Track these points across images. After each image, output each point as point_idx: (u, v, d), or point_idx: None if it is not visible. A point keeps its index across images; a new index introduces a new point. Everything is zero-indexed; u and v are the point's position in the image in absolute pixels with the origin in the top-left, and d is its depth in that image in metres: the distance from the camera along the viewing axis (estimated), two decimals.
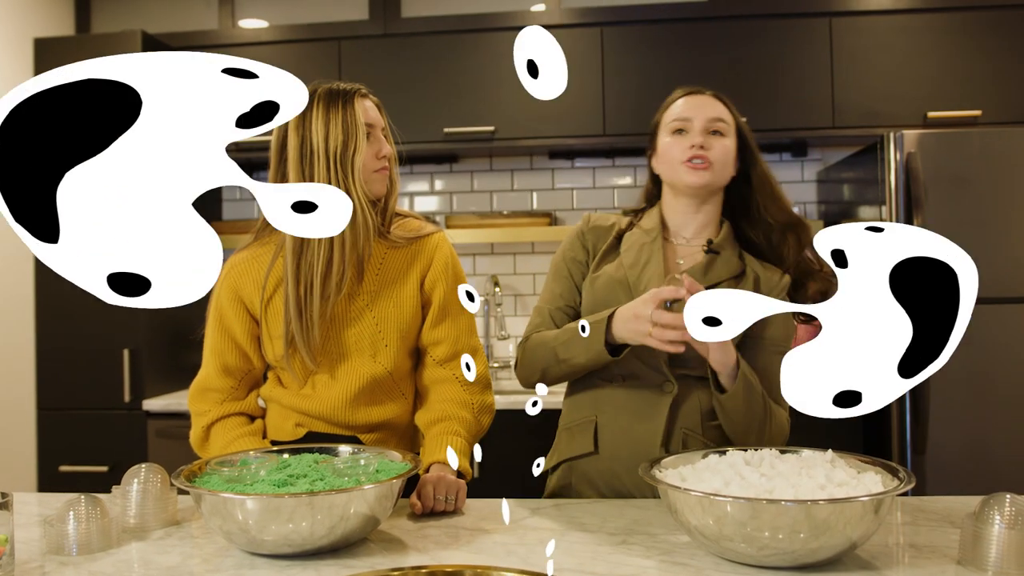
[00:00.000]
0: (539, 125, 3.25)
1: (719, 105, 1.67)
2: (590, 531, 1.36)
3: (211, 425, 1.64)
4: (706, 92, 1.69)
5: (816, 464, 1.26)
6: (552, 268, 1.75)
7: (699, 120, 1.64)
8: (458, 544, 1.31)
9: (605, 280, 1.65)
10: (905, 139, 2.72)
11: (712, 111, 1.65)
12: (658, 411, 1.58)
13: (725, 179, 1.66)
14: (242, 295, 1.63)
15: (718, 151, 1.63)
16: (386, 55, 3.30)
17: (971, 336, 2.83)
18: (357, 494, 1.21)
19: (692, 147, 1.62)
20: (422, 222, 1.73)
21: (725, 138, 1.64)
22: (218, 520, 1.22)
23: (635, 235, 1.69)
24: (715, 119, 1.64)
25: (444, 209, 3.71)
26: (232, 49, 3.38)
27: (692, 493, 1.14)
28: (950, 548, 1.23)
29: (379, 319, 1.63)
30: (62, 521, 1.28)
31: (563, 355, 1.59)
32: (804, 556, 1.12)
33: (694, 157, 1.61)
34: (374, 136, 1.61)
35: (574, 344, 1.58)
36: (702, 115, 1.64)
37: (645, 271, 1.62)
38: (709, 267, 1.63)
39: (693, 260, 1.66)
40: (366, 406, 1.64)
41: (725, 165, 1.64)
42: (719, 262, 1.64)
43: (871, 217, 2.90)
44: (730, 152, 1.65)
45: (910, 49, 3.13)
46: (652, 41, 3.21)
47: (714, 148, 1.62)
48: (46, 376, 3.18)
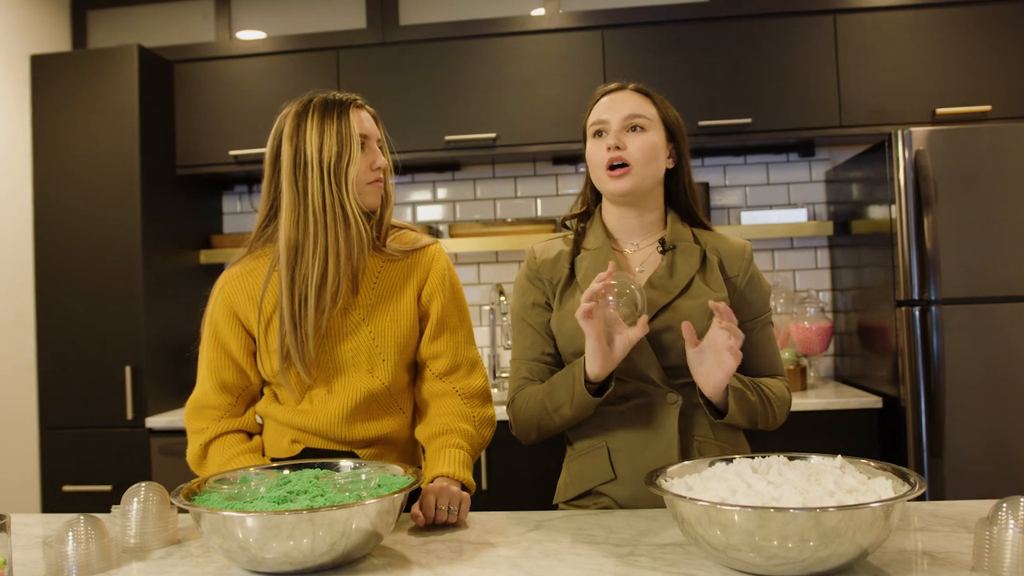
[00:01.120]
0: (542, 131, 3.25)
1: (638, 99, 1.62)
2: (596, 543, 1.36)
3: (209, 443, 1.64)
4: (627, 87, 1.65)
5: (825, 470, 1.25)
6: (512, 319, 1.72)
7: (615, 120, 1.60)
8: (462, 559, 1.31)
9: (571, 319, 1.59)
10: (914, 136, 2.71)
11: (629, 107, 1.60)
12: (667, 424, 1.58)
13: (652, 178, 1.61)
14: (237, 310, 1.64)
15: (636, 148, 1.58)
16: (385, 63, 3.31)
17: (986, 335, 2.84)
18: (358, 509, 1.21)
19: (609, 149, 1.58)
20: (418, 234, 1.73)
21: (647, 132, 1.59)
22: (218, 539, 1.22)
23: (585, 259, 1.65)
24: (632, 116, 1.59)
25: (447, 218, 3.71)
26: (229, 61, 3.40)
27: (698, 502, 1.14)
28: (964, 554, 1.22)
29: (376, 333, 1.63)
30: (61, 543, 1.28)
31: (550, 406, 1.58)
32: (814, 565, 1.11)
33: (612, 161, 1.58)
34: (369, 147, 1.62)
35: (557, 392, 1.56)
36: (618, 114, 1.60)
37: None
38: (672, 267, 1.60)
39: (651, 264, 1.64)
40: (363, 421, 1.64)
41: (647, 162, 1.58)
42: (679, 257, 1.61)
43: (881, 217, 2.89)
44: (654, 147, 1.59)
45: (917, 45, 3.12)
46: (654, 43, 3.21)
47: (631, 146, 1.58)
48: (48, 395, 3.20)
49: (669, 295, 1.58)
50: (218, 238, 3.64)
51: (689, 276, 1.59)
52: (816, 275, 3.55)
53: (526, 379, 1.67)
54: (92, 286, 3.15)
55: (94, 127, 3.18)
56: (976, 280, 2.69)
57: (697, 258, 1.61)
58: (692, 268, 1.60)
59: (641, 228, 1.66)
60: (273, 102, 1.68)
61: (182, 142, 3.42)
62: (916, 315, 2.71)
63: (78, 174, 3.19)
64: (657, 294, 1.58)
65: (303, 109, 1.59)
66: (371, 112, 1.66)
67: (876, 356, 3.01)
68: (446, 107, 3.29)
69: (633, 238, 1.67)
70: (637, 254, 1.66)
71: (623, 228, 1.67)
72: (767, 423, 1.59)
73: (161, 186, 3.31)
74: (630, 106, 1.61)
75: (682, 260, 1.61)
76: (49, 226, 3.20)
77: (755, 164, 3.58)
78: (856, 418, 2.90)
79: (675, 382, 1.58)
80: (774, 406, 1.59)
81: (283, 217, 1.57)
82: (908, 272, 2.72)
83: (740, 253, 1.65)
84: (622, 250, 1.67)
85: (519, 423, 1.66)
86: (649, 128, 1.60)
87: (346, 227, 1.56)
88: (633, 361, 1.55)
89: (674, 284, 1.59)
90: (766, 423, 1.59)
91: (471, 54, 3.29)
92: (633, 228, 1.66)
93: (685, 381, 1.58)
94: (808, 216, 3.47)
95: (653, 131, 1.60)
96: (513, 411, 1.67)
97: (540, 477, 2.91)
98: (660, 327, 1.56)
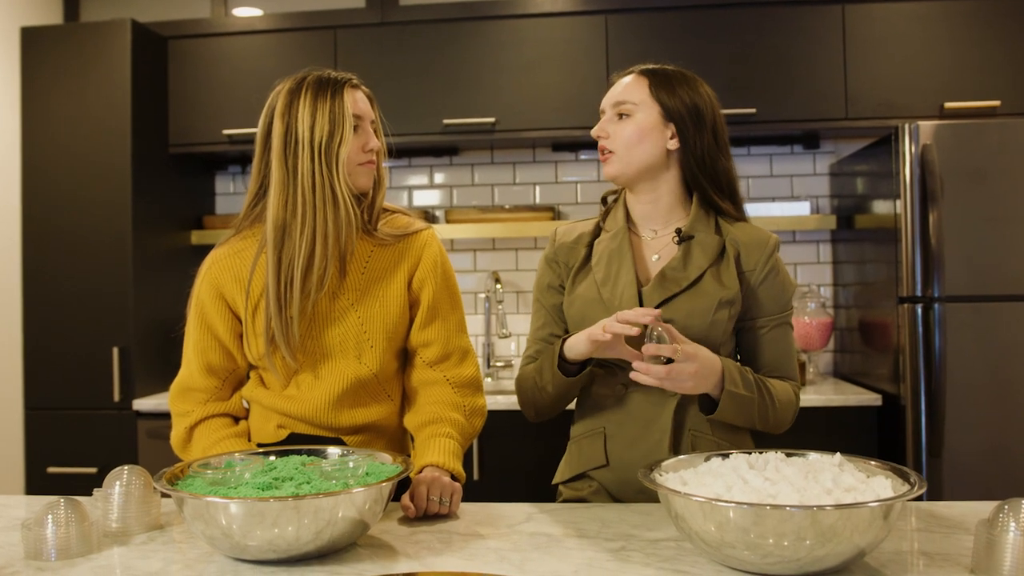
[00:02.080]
0: (542, 116, 3.23)
1: (632, 83, 1.63)
2: (588, 537, 1.35)
3: (194, 426, 1.62)
4: (632, 71, 1.67)
5: (823, 468, 1.24)
6: (533, 296, 1.76)
7: (607, 107, 1.65)
8: (451, 550, 1.30)
9: (580, 302, 1.63)
10: (921, 131, 2.70)
11: (618, 94, 1.64)
12: (663, 416, 1.57)
13: (639, 163, 1.60)
14: (224, 291, 1.62)
15: (616, 136, 1.61)
16: (383, 44, 3.29)
17: (990, 334, 2.83)
18: (345, 498, 1.20)
19: (599, 138, 1.64)
20: (411, 218, 1.71)
21: (631, 118, 1.61)
22: (200, 525, 1.21)
23: (603, 243, 1.66)
24: (618, 103, 1.63)
25: (444, 203, 3.69)
26: (225, 38, 3.37)
27: (693, 498, 1.12)
28: (963, 556, 1.21)
29: (364, 319, 1.62)
30: (40, 525, 1.27)
31: (539, 383, 1.61)
32: (810, 564, 1.10)
33: (601, 149, 1.64)
34: (362, 128, 1.60)
35: (544, 371, 1.59)
36: (609, 101, 1.65)
37: (617, 286, 1.59)
38: (687, 258, 1.59)
39: (667, 254, 1.63)
40: (350, 408, 1.63)
41: (629, 148, 1.60)
42: (695, 248, 1.60)
43: (886, 212, 2.88)
44: (637, 131, 1.59)
45: (926, 37, 3.10)
46: (658, 29, 3.19)
47: (613, 135, 1.62)
48: (33, 375, 3.18)
49: (676, 288, 1.57)
50: (210, 219, 3.62)
51: (701, 270, 1.57)
52: (818, 270, 3.54)
53: (531, 358, 1.70)
54: (81, 265, 3.13)
55: (85, 103, 3.15)
56: (981, 278, 2.68)
57: (714, 250, 1.59)
58: (706, 261, 1.58)
59: (657, 214, 1.65)
60: (268, 81, 1.66)
61: (175, 120, 3.39)
62: (919, 312, 2.70)
63: (68, 151, 3.16)
64: (666, 284, 1.58)
65: (296, 86, 1.57)
66: (366, 92, 1.64)
67: (877, 353, 3.01)
68: (445, 90, 3.26)
69: (652, 224, 1.66)
70: (654, 241, 1.65)
71: (640, 213, 1.67)
72: (767, 424, 1.57)
73: (153, 164, 3.28)
74: (619, 92, 1.64)
75: (698, 251, 1.59)
76: (37, 203, 3.17)
77: (758, 155, 3.56)
78: (855, 416, 2.89)
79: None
80: (776, 408, 1.56)
81: (271, 197, 1.55)
82: (911, 268, 2.71)
83: (761, 246, 1.61)
84: (641, 235, 1.67)
85: (520, 400, 1.70)
86: (634, 112, 1.61)
87: (335, 208, 1.54)
88: (635, 350, 1.54)
89: (684, 277, 1.57)
90: (766, 424, 1.57)
91: (472, 36, 3.26)
92: (649, 213, 1.66)
93: None
94: (811, 209, 3.46)
95: (640, 114, 1.60)
96: (516, 388, 1.71)
97: (532, 467, 2.91)
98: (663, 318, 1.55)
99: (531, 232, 3.40)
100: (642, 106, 1.60)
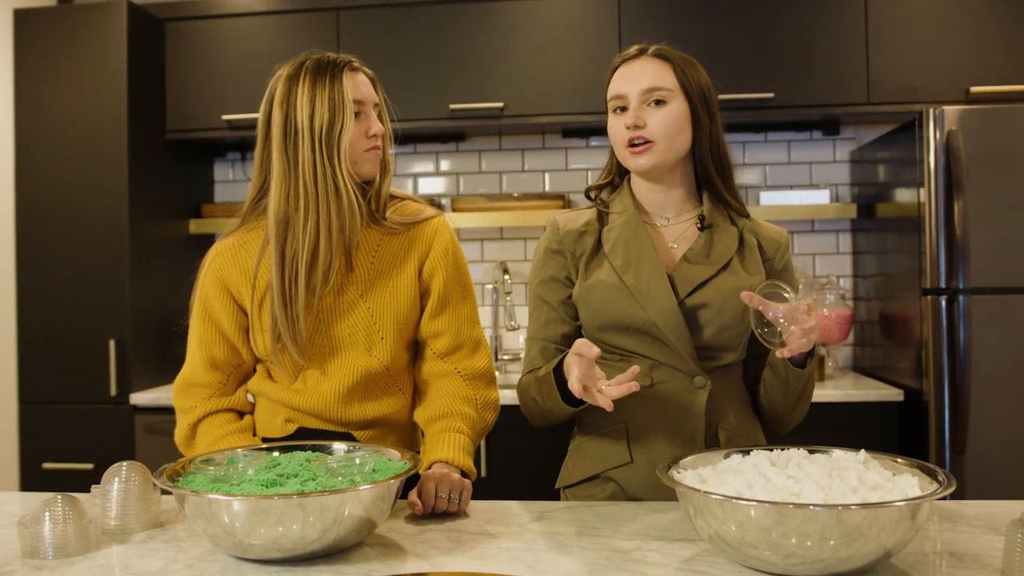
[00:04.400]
0: (552, 101, 3.21)
1: (658, 67, 1.58)
2: (603, 536, 1.34)
3: (198, 422, 1.63)
4: (647, 53, 1.61)
5: (848, 465, 1.23)
6: (529, 296, 1.70)
7: (634, 93, 1.56)
8: (461, 549, 1.29)
9: (601, 289, 1.58)
10: (946, 116, 2.68)
11: (647, 79, 1.56)
12: (694, 410, 1.55)
13: (677, 152, 1.58)
14: (229, 284, 1.62)
15: (657, 124, 1.55)
16: (387, 26, 3.27)
17: (1016, 327, 2.81)
18: (351, 495, 1.20)
19: (628, 127, 1.55)
20: (421, 205, 1.70)
21: (668, 105, 1.55)
22: (202, 523, 1.20)
23: (615, 230, 1.62)
24: (651, 89, 1.56)
25: (450, 191, 3.68)
26: (224, 20, 3.36)
27: (713, 496, 1.12)
28: (993, 557, 1.21)
29: (374, 310, 1.61)
30: (37, 523, 1.27)
31: (543, 405, 1.57)
32: (834, 565, 1.09)
33: (633, 139, 1.55)
34: (364, 113, 1.58)
35: (545, 395, 1.54)
36: (636, 88, 1.56)
37: (641, 272, 1.56)
38: (709, 246, 1.59)
39: (687, 241, 1.62)
40: (360, 402, 1.62)
41: (671, 138, 1.55)
42: (717, 237, 1.60)
43: (909, 200, 2.86)
44: (677, 119, 1.56)
45: (951, 18, 3.07)
46: (673, 10, 3.17)
47: (652, 122, 1.55)
48: (28, 369, 3.18)
49: (708, 271, 1.57)
50: (209, 207, 3.62)
51: (728, 255, 1.58)
52: (837, 260, 3.52)
53: (538, 361, 1.65)
54: (76, 255, 3.13)
55: (80, 87, 3.15)
56: (1007, 269, 2.66)
57: (735, 239, 1.60)
58: (730, 248, 1.59)
59: (669, 202, 1.64)
60: (269, 65, 1.65)
61: (173, 105, 3.39)
62: (942, 304, 2.68)
63: (62, 137, 3.16)
64: (695, 269, 1.57)
65: (295, 72, 1.55)
66: (368, 74, 1.62)
67: (898, 347, 2.99)
68: (451, 74, 3.25)
69: (664, 212, 1.65)
70: (668, 229, 1.64)
71: (652, 201, 1.65)
72: (804, 406, 1.60)
73: (150, 151, 3.28)
74: (649, 78, 1.56)
75: (719, 239, 1.60)
76: (31, 191, 3.17)
77: (776, 142, 3.54)
78: (876, 411, 2.88)
79: (705, 364, 1.55)
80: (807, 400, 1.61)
81: (273, 189, 1.54)
82: (935, 259, 2.69)
83: (776, 239, 1.65)
84: (654, 223, 1.65)
85: (524, 411, 1.67)
86: (671, 100, 1.56)
87: (338, 199, 1.53)
88: (663, 338, 1.53)
89: (712, 261, 1.57)
90: (805, 405, 1.60)
91: (479, 18, 3.24)
92: (662, 201, 1.65)
93: (715, 365, 1.56)
94: (831, 198, 3.44)
95: (675, 101, 1.56)
96: (519, 397, 1.67)
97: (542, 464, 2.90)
98: (696, 303, 1.54)
99: (540, 221, 3.38)
100: (676, 92, 1.57)
